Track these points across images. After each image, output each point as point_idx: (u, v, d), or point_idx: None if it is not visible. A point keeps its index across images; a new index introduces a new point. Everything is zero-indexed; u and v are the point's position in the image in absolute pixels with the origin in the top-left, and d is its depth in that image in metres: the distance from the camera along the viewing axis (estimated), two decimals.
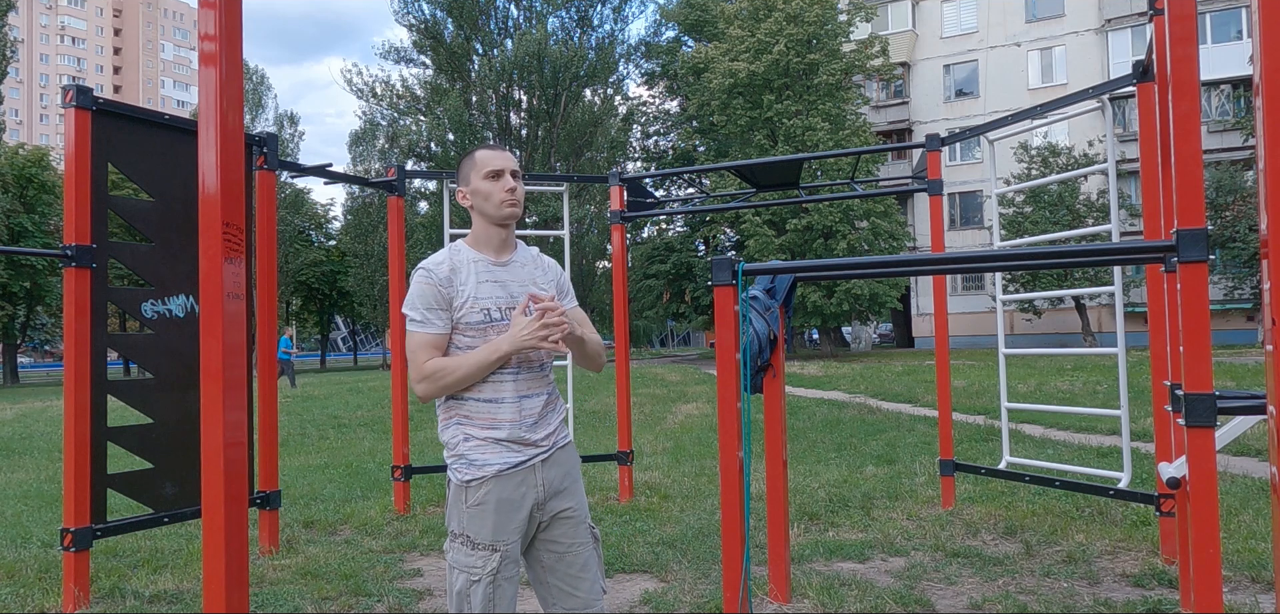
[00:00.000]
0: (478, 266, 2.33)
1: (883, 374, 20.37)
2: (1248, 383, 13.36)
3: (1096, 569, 4.37)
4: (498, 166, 2.33)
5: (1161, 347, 4.25)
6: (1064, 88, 34.82)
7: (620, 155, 41.51)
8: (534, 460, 2.30)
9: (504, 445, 2.27)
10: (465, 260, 2.34)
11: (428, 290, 2.27)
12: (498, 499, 2.25)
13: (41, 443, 12.01)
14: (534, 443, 2.30)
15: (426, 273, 2.29)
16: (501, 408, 2.28)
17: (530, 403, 2.32)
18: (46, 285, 36.30)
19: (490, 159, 2.35)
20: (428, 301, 2.27)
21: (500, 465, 2.26)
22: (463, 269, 2.32)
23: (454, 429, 2.31)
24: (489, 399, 2.28)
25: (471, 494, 2.26)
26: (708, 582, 4.33)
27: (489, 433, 2.27)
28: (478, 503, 2.25)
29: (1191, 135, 2.59)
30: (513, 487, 2.27)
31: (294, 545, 5.35)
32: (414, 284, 2.30)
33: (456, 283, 2.29)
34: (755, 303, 4.06)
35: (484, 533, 2.24)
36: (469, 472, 2.27)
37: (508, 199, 2.33)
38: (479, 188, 2.33)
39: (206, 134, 2.58)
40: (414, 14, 40.24)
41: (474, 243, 2.38)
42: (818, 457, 8.50)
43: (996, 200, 6.29)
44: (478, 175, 2.33)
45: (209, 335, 2.56)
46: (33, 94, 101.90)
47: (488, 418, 2.29)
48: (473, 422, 2.29)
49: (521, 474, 2.28)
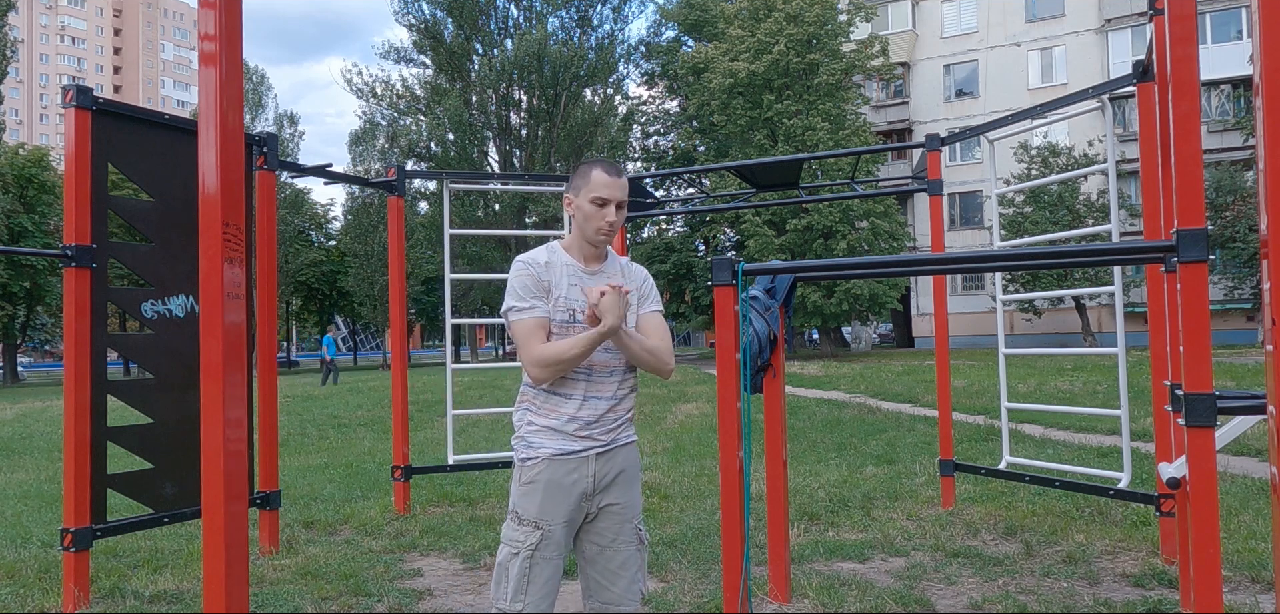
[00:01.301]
0: (569, 270, 2.46)
1: (883, 374, 20.37)
2: (1248, 383, 13.36)
3: (1096, 569, 4.37)
4: (605, 196, 2.43)
5: (1161, 347, 4.25)
6: (1064, 88, 34.82)
7: (620, 155, 41.51)
8: (589, 452, 2.42)
9: (561, 434, 2.40)
10: (560, 261, 2.47)
11: (528, 279, 2.41)
12: (547, 480, 2.38)
13: (41, 443, 12.01)
14: (591, 437, 2.42)
15: (525, 264, 2.43)
16: (567, 403, 2.41)
17: (594, 403, 2.43)
18: (46, 285, 36.30)
19: (602, 186, 2.43)
20: (530, 289, 2.40)
21: (554, 450, 2.40)
22: (557, 267, 2.46)
23: (521, 413, 2.47)
24: (563, 394, 2.41)
25: (526, 472, 2.40)
26: (708, 582, 4.33)
27: (548, 421, 2.41)
28: (529, 481, 2.40)
29: (1191, 135, 2.59)
30: (564, 471, 2.39)
31: (294, 545, 5.35)
32: (514, 276, 2.42)
33: (552, 276, 2.43)
34: (755, 303, 4.06)
35: (530, 510, 2.38)
36: (526, 451, 2.42)
37: (605, 229, 2.45)
38: (583, 207, 2.44)
39: (206, 134, 2.58)
40: (414, 14, 40.28)
41: (569, 247, 2.51)
42: (818, 457, 8.50)
43: (996, 200, 6.28)
44: (586, 194, 2.44)
45: (209, 335, 2.56)
46: (33, 94, 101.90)
47: (551, 409, 2.42)
48: (537, 409, 2.44)
49: (574, 461, 2.41)
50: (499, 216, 38.26)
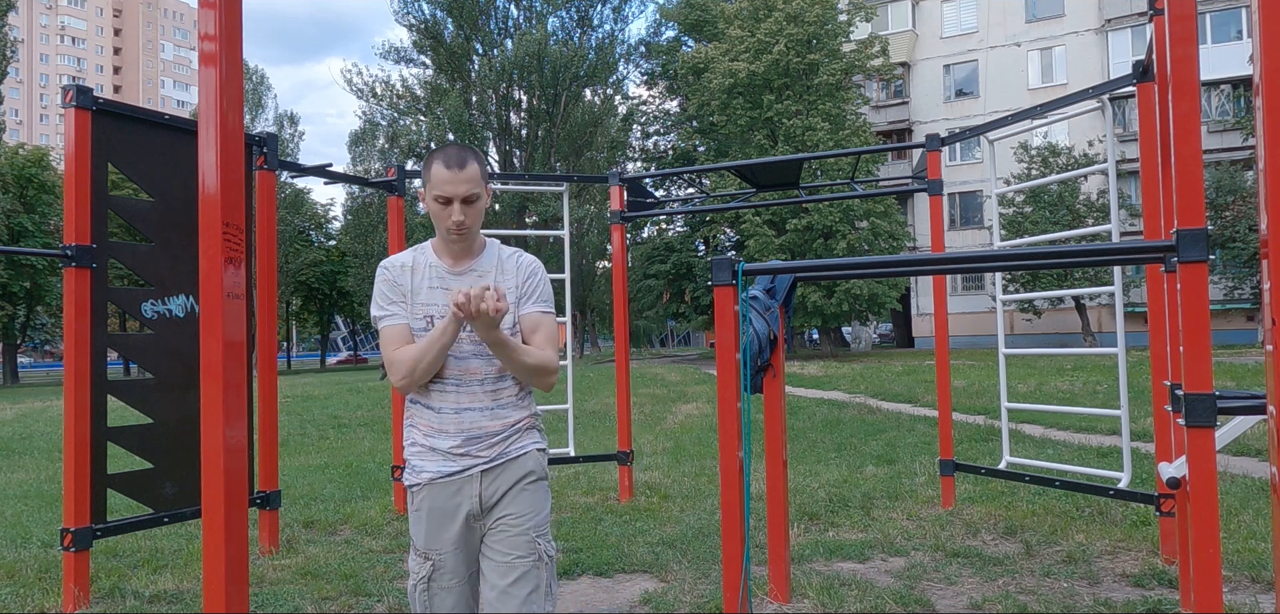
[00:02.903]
0: (432, 271, 2.29)
1: (883, 374, 20.37)
2: (1248, 383, 13.36)
3: (1096, 569, 4.37)
4: (447, 194, 2.19)
5: (1161, 347, 4.25)
6: (1064, 88, 34.81)
7: (620, 155, 41.51)
8: (472, 470, 2.24)
9: (439, 453, 2.24)
10: (424, 263, 2.30)
11: (385, 284, 2.28)
12: (429, 507, 2.24)
13: (41, 443, 12.01)
14: (470, 454, 2.23)
15: (384, 268, 2.31)
16: (442, 416, 2.25)
17: (471, 416, 2.23)
18: (46, 285, 36.33)
19: (442, 182, 2.19)
20: (387, 295, 2.27)
21: (434, 472, 2.24)
22: (420, 270, 2.29)
23: (407, 431, 2.33)
24: (432, 406, 2.26)
25: (412, 499, 2.28)
26: (708, 582, 4.33)
27: (427, 439, 2.26)
28: (415, 509, 2.27)
29: (1191, 135, 2.59)
30: (446, 496, 2.24)
31: (294, 545, 5.35)
32: (376, 282, 2.31)
33: (413, 280, 2.28)
34: (755, 303, 4.06)
35: (418, 539, 2.26)
36: (409, 477, 2.29)
37: (454, 229, 2.22)
38: (430, 206, 2.25)
39: (206, 134, 2.58)
40: (414, 14, 40.25)
41: (436, 247, 2.34)
42: (818, 457, 8.50)
43: (996, 200, 6.29)
44: (429, 192, 2.23)
45: (209, 335, 2.56)
46: (33, 94, 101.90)
47: (428, 424, 2.27)
48: (416, 424, 2.30)
49: (457, 483, 2.24)
50: (499, 217, 38.23)
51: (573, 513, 6.10)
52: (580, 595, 4.26)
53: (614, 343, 7.66)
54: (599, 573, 4.57)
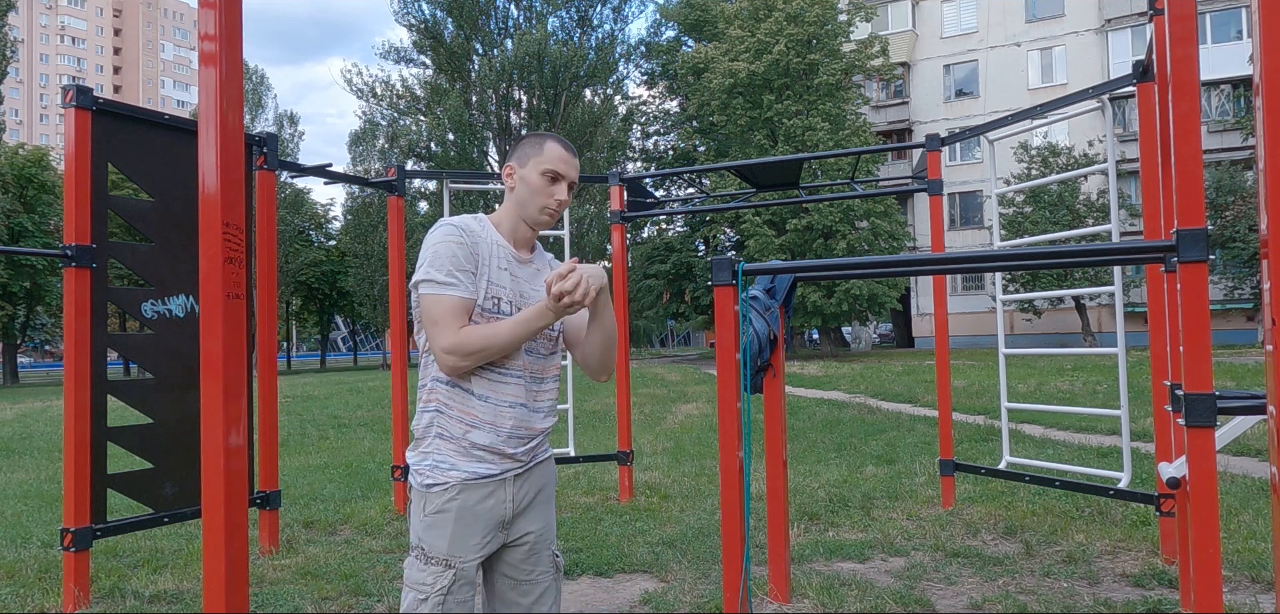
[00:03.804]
0: (500, 251, 2.07)
1: (883, 374, 20.37)
2: (1248, 383, 13.36)
3: (1096, 569, 4.37)
4: (560, 172, 2.09)
5: (1161, 347, 4.25)
6: (1064, 88, 34.82)
7: (620, 155, 41.49)
8: (506, 474, 2.07)
9: (478, 451, 2.02)
10: (491, 239, 2.07)
11: (458, 249, 1.98)
12: (459, 508, 2.01)
13: (41, 443, 12.00)
14: (511, 456, 2.06)
15: (456, 229, 2.00)
16: (488, 407, 2.03)
17: (519, 413, 2.06)
18: (46, 285, 36.31)
19: (557, 159, 2.09)
20: (458, 261, 1.97)
21: (468, 474, 2.02)
22: (488, 245, 2.05)
23: (429, 416, 2.05)
24: (476, 394, 2.02)
25: (432, 500, 2.02)
26: (708, 582, 4.33)
27: (466, 433, 2.02)
28: (437, 511, 2.02)
29: (1191, 135, 2.59)
30: (479, 497, 2.03)
31: (294, 545, 5.35)
32: (438, 242, 1.98)
33: (481, 252, 2.03)
34: (755, 303, 4.06)
35: (439, 545, 2.01)
36: (432, 476, 2.03)
37: (554, 209, 2.11)
38: (532, 180, 2.08)
39: (206, 134, 2.58)
40: (414, 14, 40.24)
41: (500, 226, 2.13)
42: (818, 457, 8.50)
43: (996, 200, 6.29)
44: (536, 166, 2.09)
45: (209, 335, 2.56)
46: (33, 94, 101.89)
47: (470, 415, 2.02)
48: (448, 415, 2.03)
49: (490, 486, 2.04)
50: None
51: (573, 513, 6.10)
52: (580, 595, 4.26)
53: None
54: (599, 573, 4.58)
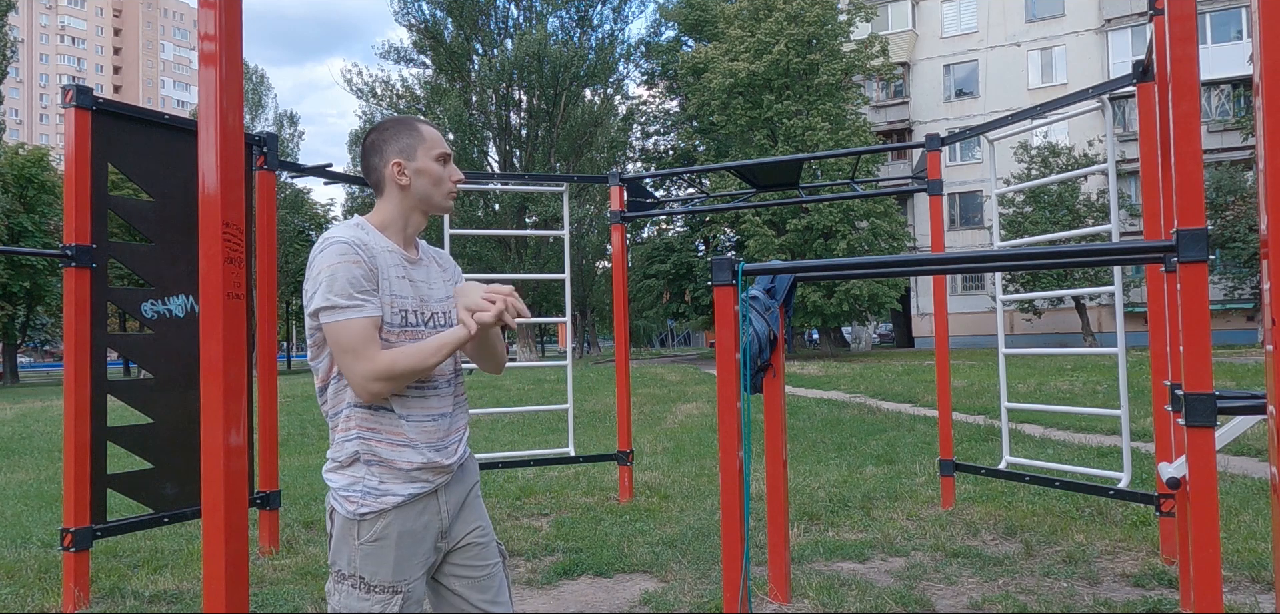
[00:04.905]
0: (393, 258, 1.95)
1: (883, 374, 20.37)
2: (1248, 383, 13.36)
3: (1096, 569, 4.37)
4: (448, 151, 2.03)
5: (1161, 347, 4.25)
6: (1064, 88, 34.83)
7: (620, 155, 41.52)
8: (438, 485, 1.98)
9: (411, 475, 1.92)
10: (380, 246, 1.94)
11: (354, 268, 1.85)
12: (399, 532, 1.91)
13: (41, 443, 12.00)
14: (444, 467, 1.98)
15: (348, 247, 1.86)
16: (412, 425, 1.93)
17: (443, 422, 2.00)
18: (46, 285, 36.31)
19: (439, 140, 2.03)
20: (356, 282, 1.85)
21: (402, 496, 1.91)
22: (379, 253, 1.93)
23: (350, 443, 1.91)
24: (401, 414, 1.92)
25: (366, 529, 1.90)
26: (708, 582, 4.33)
27: (392, 455, 1.91)
28: (375, 539, 1.90)
29: (1191, 135, 2.59)
30: (416, 516, 1.94)
31: (294, 545, 5.35)
32: (332, 263, 1.85)
33: (379, 265, 1.91)
34: (755, 303, 4.06)
35: (383, 573, 1.89)
36: (364, 502, 1.89)
37: (453, 189, 2.05)
38: (428, 168, 1.99)
39: (206, 134, 2.58)
40: (414, 14, 40.28)
41: (386, 229, 1.99)
42: (818, 457, 8.50)
43: (996, 200, 6.29)
44: (427, 153, 2.00)
45: (209, 335, 2.56)
46: (33, 94, 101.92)
47: (397, 437, 1.92)
48: (377, 436, 1.91)
49: (424, 501, 1.96)
50: (499, 217, 38.25)
51: (573, 513, 6.10)
52: (580, 595, 4.26)
53: (614, 343, 7.65)
54: (599, 573, 4.57)
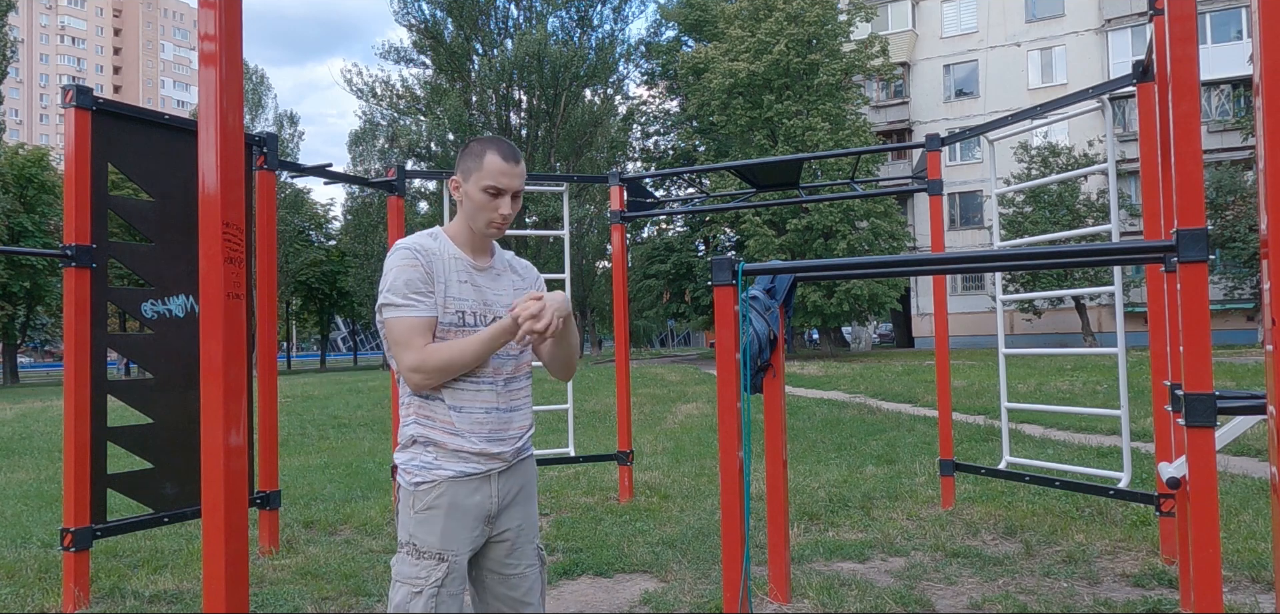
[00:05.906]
0: (458, 264, 2.16)
1: (883, 374, 20.37)
2: (1248, 383, 13.36)
3: (1096, 569, 4.37)
4: (500, 186, 2.13)
5: (1161, 347, 4.25)
6: (1064, 88, 34.82)
7: (620, 155, 41.51)
8: (491, 471, 2.16)
9: (462, 456, 2.12)
10: (447, 253, 2.16)
11: (412, 272, 2.08)
12: (449, 504, 2.10)
13: (41, 443, 12.00)
14: (496, 455, 2.15)
15: (411, 252, 2.10)
16: (465, 417, 2.12)
17: (498, 416, 2.16)
18: (46, 285, 36.32)
19: (497, 173, 2.12)
20: (412, 283, 2.08)
21: (455, 471, 2.11)
22: (445, 260, 2.14)
23: (415, 428, 2.15)
24: (454, 406, 2.12)
25: (422, 497, 2.11)
26: (708, 582, 4.33)
27: (449, 439, 2.11)
28: (428, 507, 2.10)
29: (1191, 135, 2.59)
30: (467, 492, 2.12)
31: (294, 545, 5.35)
32: (396, 265, 2.10)
33: (437, 270, 2.12)
34: (755, 303, 4.06)
35: (431, 540, 2.09)
36: (422, 473, 2.12)
37: (499, 223, 2.16)
38: (474, 196, 2.14)
39: (206, 134, 2.58)
40: (414, 14, 40.28)
41: (456, 237, 2.20)
42: (818, 457, 8.50)
43: (996, 200, 6.29)
44: (477, 183, 2.13)
45: (209, 335, 2.56)
46: (33, 94, 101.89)
47: (451, 425, 2.12)
48: (431, 428, 2.13)
49: (476, 482, 2.14)
50: None
51: (573, 513, 6.10)
52: (580, 595, 4.26)
53: (614, 343, 7.65)
54: (599, 573, 4.58)
